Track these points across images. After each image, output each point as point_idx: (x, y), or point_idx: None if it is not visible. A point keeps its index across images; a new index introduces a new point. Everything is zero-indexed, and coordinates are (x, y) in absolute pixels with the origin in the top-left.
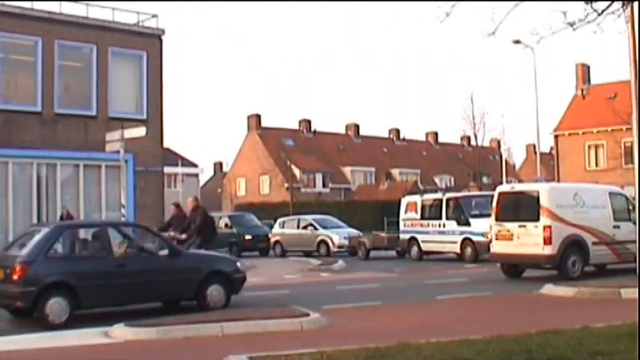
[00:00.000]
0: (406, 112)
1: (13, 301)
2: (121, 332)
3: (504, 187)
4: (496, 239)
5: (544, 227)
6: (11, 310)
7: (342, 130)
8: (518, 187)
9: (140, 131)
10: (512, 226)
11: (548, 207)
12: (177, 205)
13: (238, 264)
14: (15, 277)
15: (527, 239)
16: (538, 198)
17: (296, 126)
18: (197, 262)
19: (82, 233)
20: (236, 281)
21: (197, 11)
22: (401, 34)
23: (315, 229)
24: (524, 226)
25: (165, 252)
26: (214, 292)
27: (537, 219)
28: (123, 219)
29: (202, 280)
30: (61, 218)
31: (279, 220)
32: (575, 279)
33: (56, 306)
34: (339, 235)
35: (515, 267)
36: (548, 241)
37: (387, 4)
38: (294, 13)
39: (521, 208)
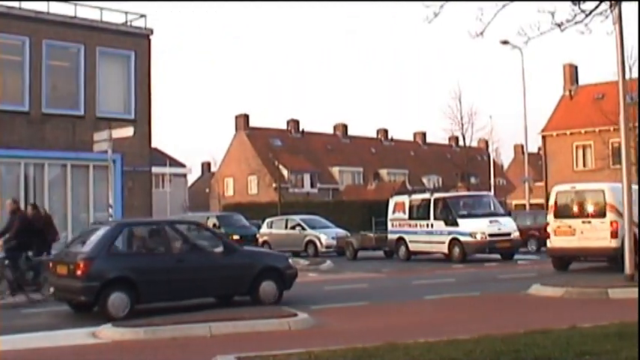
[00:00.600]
0: (394, 113)
1: (76, 295)
2: (108, 333)
3: (563, 187)
4: (555, 235)
5: (611, 222)
6: (73, 305)
7: (330, 131)
8: (580, 186)
9: (128, 131)
10: (575, 222)
11: (614, 204)
12: (14, 202)
13: (290, 261)
14: (78, 272)
15: (592, 234)
16: (604, 196)
17: (284, 126)
18: (251, 259)
19: (142, 231)
20: (288, 277)
21: (185, 11)
22: (389, 35)
23: (303, 229)
24: (589, 222)
25: (220, 249)
26: (267, 287)
27: (604, 215)
28: (110, 219)
29: (256, 275)
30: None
31: (267, 220)
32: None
33: (117, 300)
34: (327, 235)
35: (565, 261)
36: (614, 235)
37: (376, 5)
38: (282, 13)
39: (585, 205)
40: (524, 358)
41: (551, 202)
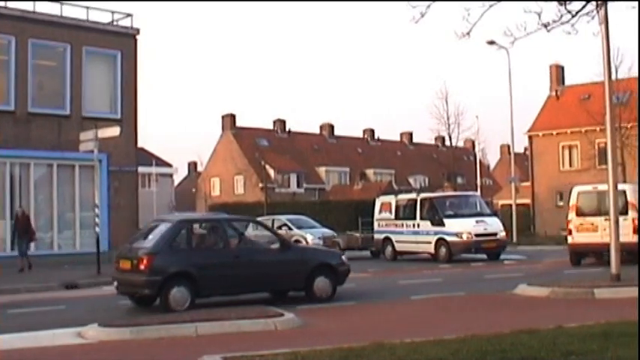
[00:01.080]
0: (381, 113)
1: (139, 289)
2: (94, 333)
3: (585, 188)
4: (577, 231)
5: (633, 219)
6: (135, 299)
7: (317, 131)
8: (601, 187)
9: (114, 131)
10: (597, 220)
11: (634, 203)
12: None
13: (343, 257)
14: (142, 267)
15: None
16: (625, 196)
17: (270, 126)
18: (306, 255)
19: (201, 227)
20: (341, 273)
21: (172, 10)
22: (376, 35)
23: (290, 229)
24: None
25: (276, 245)
26: (321, 283)
27: (626, 213)
28: (96, 219)
29: (310, 271)
30: (16, 218)
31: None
32: None
33: (178, 294)
34: (313, 235)
35: (581, 256)
36: (636, 230)
37: (363, 5)
38: (269, 13)
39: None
40: (510, 358)
41: (573, 201)
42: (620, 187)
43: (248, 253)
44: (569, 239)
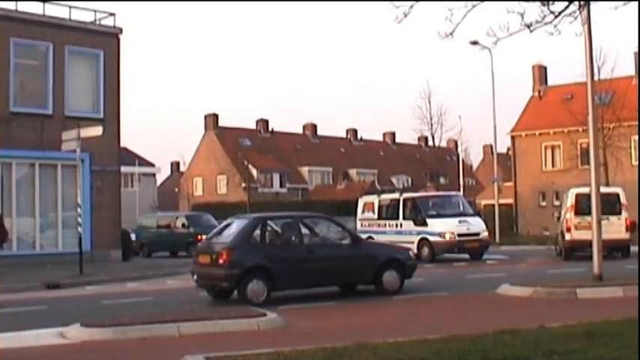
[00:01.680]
0: (364, 113)
1: (219, 282)
2: (76, 333)
3: (582, 190)
4: (575, 229)
5: (625, 219)
6: (213, 292)
7: (300, 130)
8: None
9: (97, 130)
10: None
11: (626, 204)
12: None
13: (410, 253)
14: (221, 261)
15: (610, 228)
16: (618, 197)
17: (253, 126)
18: (376, 250)
19: (276, 224)
20: (409, 268)
21: (155, 10)
22: (358, 35)
23: None
24: (607, 219)
25: (347, 241)
26: (390, 277)
27: (619, 213)
28: (79, 219)
29: (380, 266)
30: None
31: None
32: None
33: (256, 287)
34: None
35: (575, 251)
36: (628, 228)
37: (346, 5)
38: (251, 12)
39: (603, 205)
40: (492, 358)
41: (571, 202)
42: (613, 189)
43: (321, 249)
44: (567, 236)
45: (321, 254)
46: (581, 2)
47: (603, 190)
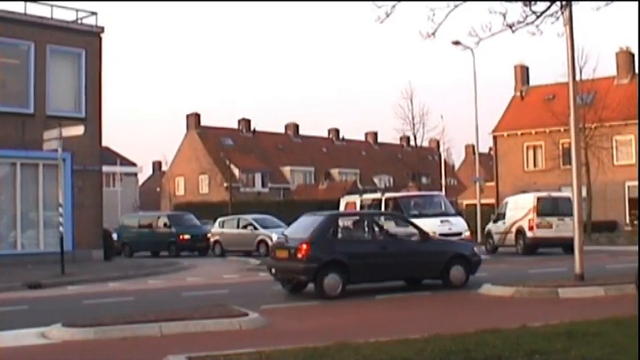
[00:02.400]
0: (346, 112)
1: (297, 275)
2: (58, 333)
3: (542, 194)
4: (537, 228)
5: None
6: (289, 286)
7: (282, 130)
8: (554, 194)
9: (78, 130)
10: (552, 219)
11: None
12: None
13: (475, 249)
14: (299, 255)
15: (565, 227)
16: (570, 201)
17: (235, 125)
18: (443, 246)
19: (350, 220)
20: (474, 263)
21: (137, 9)
22: (341, 34)
23: (255, 228)
24: (563, 219)
25: (417, 237)
26: (457, 272)
27: (572, 214)
28: (60, 219)
29: (447, 261)
30: None
31: (219, 219)
32: None
33: (332, 281)
34: (278, 234)
35: (536, 249)
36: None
37: (328, 4)
38: (232, 11)
39: (559, 207)
40: (474, 358)
41: (534, 204)
42: (565, 194)
43: (393, 244)
44: (530, 234)
45: (392, 250)
46: (563, 3)
47: (558, 194)
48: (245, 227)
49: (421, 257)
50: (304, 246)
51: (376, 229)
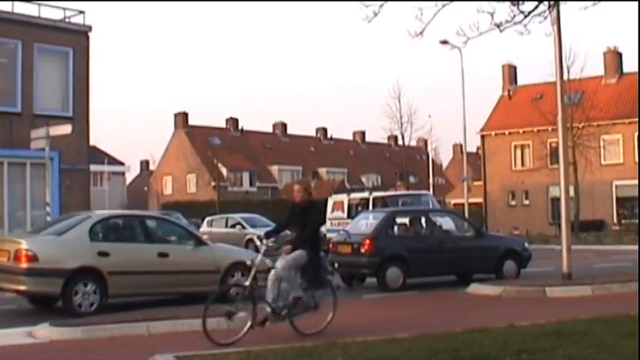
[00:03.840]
0: (334, 112)
1: (360, 268)
2: (45, 332)
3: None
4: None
5: None
6: (348, 279)
7: (270, 129)
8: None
9: (66, 129)
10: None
11: None
12: None
13: (526, 244)
14: (363, 250)
15: None
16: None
17: (223, 124)
18: (496, 242)
19: (407, 217)
20: (525, 258)
21: (124, 8)
22: (328, 33)
23: (244, 227)
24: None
25: (471, 233)
26: (509, 266)
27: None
28: (48, 218)
29: (500, 256)
30: None
31: (207, 218)
32: None
33: (393, 274)
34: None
35: None
36: None
37: (316, 4)
38: (220, 10)
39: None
40: (462, 357)
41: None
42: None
43: (450, 240)
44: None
45: (449, 245)
46: (551, 2)
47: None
48: (233, 226)
49: (475, 252)
50: (368, 241)
51: (433, 225)
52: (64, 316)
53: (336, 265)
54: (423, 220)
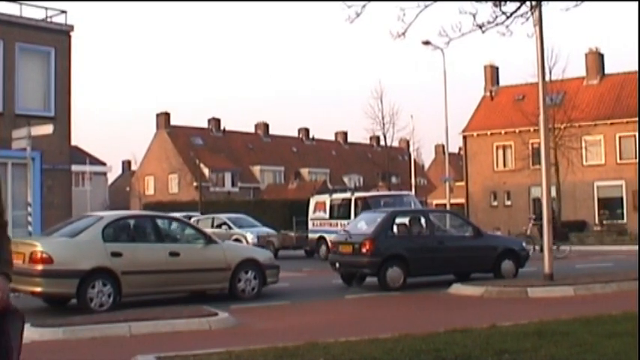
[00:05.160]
0: (316, 112)
1: (361, 268)
2: (26, 333)
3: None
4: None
5: None
6: (354, 280)
7: (252, 129)
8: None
9: (47, 129)
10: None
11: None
12: None
13: (523, 244)
14: (364, 250)
15: None
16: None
17: (205, 125)
18: (494, 241)
19: (407, 218)
20: (523, 257)
21: (106, 8)
22: (310, 34)
23: (230, 228)
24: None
25: (470, 233)
26: (507, 265)
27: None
28: (29, 218)
29: (498, 255)
30: None
31: (193, 218)
32: None
33: (394, 274)
34: (253, 234)
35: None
36: None
37: (298, 4)
38: (202, 10)
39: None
40: (444, 357)
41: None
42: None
43: (450, 240)
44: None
45: (448, 245)
46: (533, 3)
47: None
48: (219, 226)
49: (475, 252)
50: (368, 241)
51: (432, 225)
52: (76, 314)
53: (337, 265)
54: (423, 220)
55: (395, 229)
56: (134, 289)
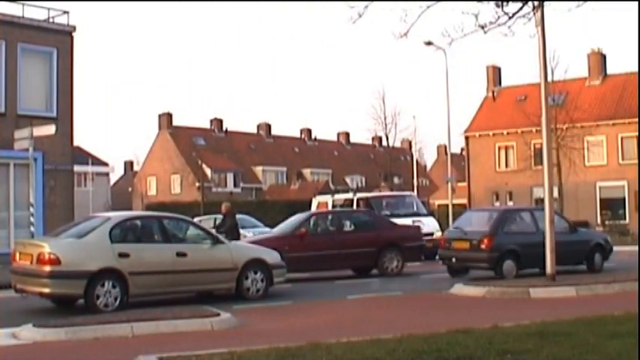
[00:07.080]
0: (318, 113)
1: (479, 263)
2: (28, 333)
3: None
4: None
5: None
6: (455, 271)
7: (254, 130)
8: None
9: (49, 129)
10: None
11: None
12: None
13: (608, 238)
14: (483, 246)
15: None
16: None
17: (207, 125)
18: (586, 236)
19: (519, 215)
20: (608, 251)
21: (109, 8)
22: (313, 34)
23: None
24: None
25: (567, 228)
26: (597, 258)
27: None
28: (31, 218)
29: (590, 249)
30: None
31: (196, 219)
32: None
33: (509, 267)
34: (254, 234)
35: None
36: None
37: (300, 4)
38: (204, 10)
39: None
40: (446, 358)
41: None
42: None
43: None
44: None
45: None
46: (535, 3)
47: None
48: None
49: (572, 246)
50: (487, 238)
51: (537, 222)
52: (84, 314)
53: (453, 259)
54: (530, 216)
55: (507, 226)
56: (141, 289)
